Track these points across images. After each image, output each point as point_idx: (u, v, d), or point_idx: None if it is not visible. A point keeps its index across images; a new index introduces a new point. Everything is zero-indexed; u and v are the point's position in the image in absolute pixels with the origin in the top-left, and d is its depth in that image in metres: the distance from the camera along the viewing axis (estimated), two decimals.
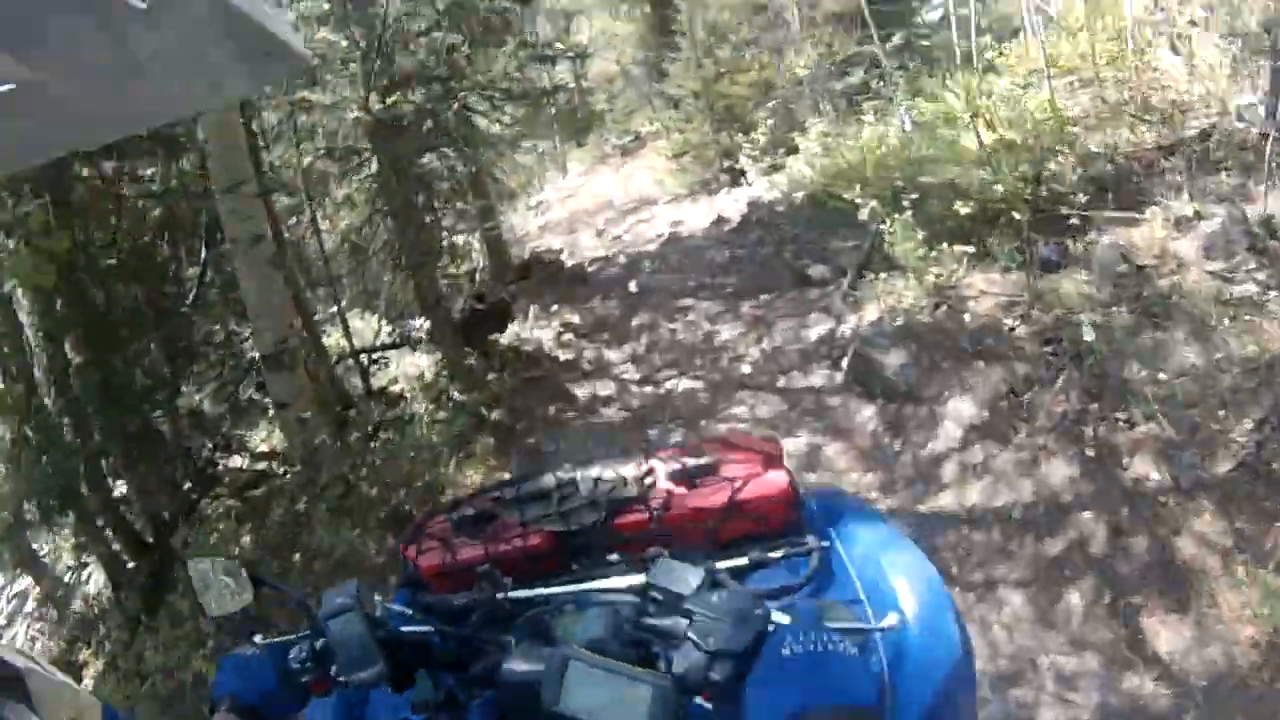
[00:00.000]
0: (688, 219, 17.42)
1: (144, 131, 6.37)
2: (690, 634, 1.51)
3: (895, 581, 1.85)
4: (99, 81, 0.99)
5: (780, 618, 1.50)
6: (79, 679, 7.41)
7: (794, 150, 16.33)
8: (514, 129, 15.12)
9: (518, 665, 1.60)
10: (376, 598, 1.79)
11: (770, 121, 18.01)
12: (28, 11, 0.76)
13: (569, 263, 16.68)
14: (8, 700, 1.10)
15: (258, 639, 1.82)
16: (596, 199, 22.43)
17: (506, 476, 3.67)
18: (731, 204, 16.93)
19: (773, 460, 2.19)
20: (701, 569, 1.65)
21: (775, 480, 2.09)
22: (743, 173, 18.29)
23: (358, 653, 1.67)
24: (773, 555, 1.88)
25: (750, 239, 14.35)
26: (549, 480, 2.25)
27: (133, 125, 2.65)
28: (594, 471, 2.26)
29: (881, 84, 15.23)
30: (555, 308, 13.56)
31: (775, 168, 17.17)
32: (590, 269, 16.14)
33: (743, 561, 1.85)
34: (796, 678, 1.38)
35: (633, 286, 13.57)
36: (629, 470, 2.23)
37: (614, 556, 1.94)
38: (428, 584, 2.11)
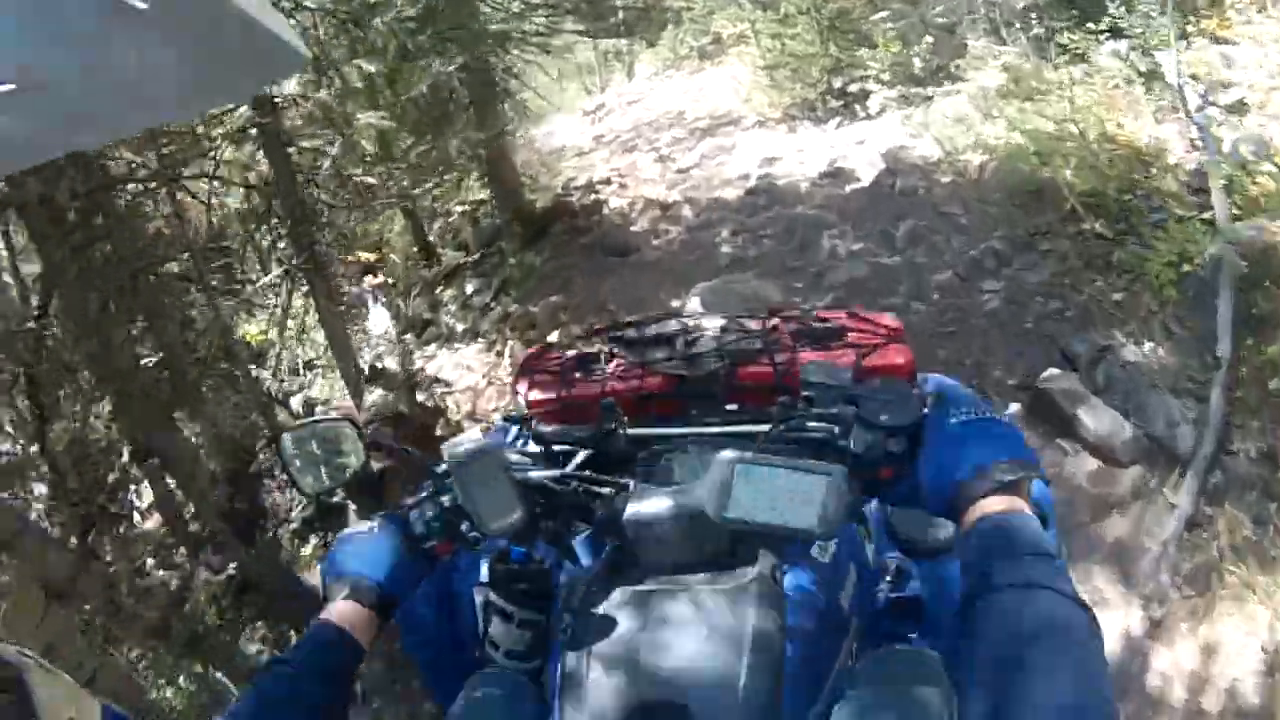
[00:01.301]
0: (786, 158, 11.88)
1: (143, 132, 5.69)
2: (862, 414, 1.44)
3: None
4: (98, 82, 0.84)
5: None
6: None
7: (947, 81, 10.90)
8: (539, 15, 9.82)
9: (644, 504, 1.51)
10: (503, 439, 1.66)
11: (898, 38, 12.72)
12: (27, 11, 0.66)
13: (612, 210, 11.27)
14: (8, 700, 1.00)
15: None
16: (665, 110, 17.18)
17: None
18: (854, 148, 11.43)
19: (895, 335, 2.02)
20: (849, 366, 1.63)
21: (899, 352, 1.96)
22: (861, 99, 12.65)
23: (498, 500, 1.50)
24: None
25: (906, 228, 8.95)
26: (673, 325, 2.09)
27: (133, 125, 2.35)
28: (719, 321, 2.06)
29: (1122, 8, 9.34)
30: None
31: (909, 100, 11.63)
32: (640, 228, 10.85)
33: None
34: (968, 440, 1.36)
35: (695, 301, 7.14)
36: (754, 325, 2.03)
37: (733, 406, 1.82)
38: (535, 418, 1.85)
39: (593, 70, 23.62)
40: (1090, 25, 9.83)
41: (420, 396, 7.58)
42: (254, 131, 6.59)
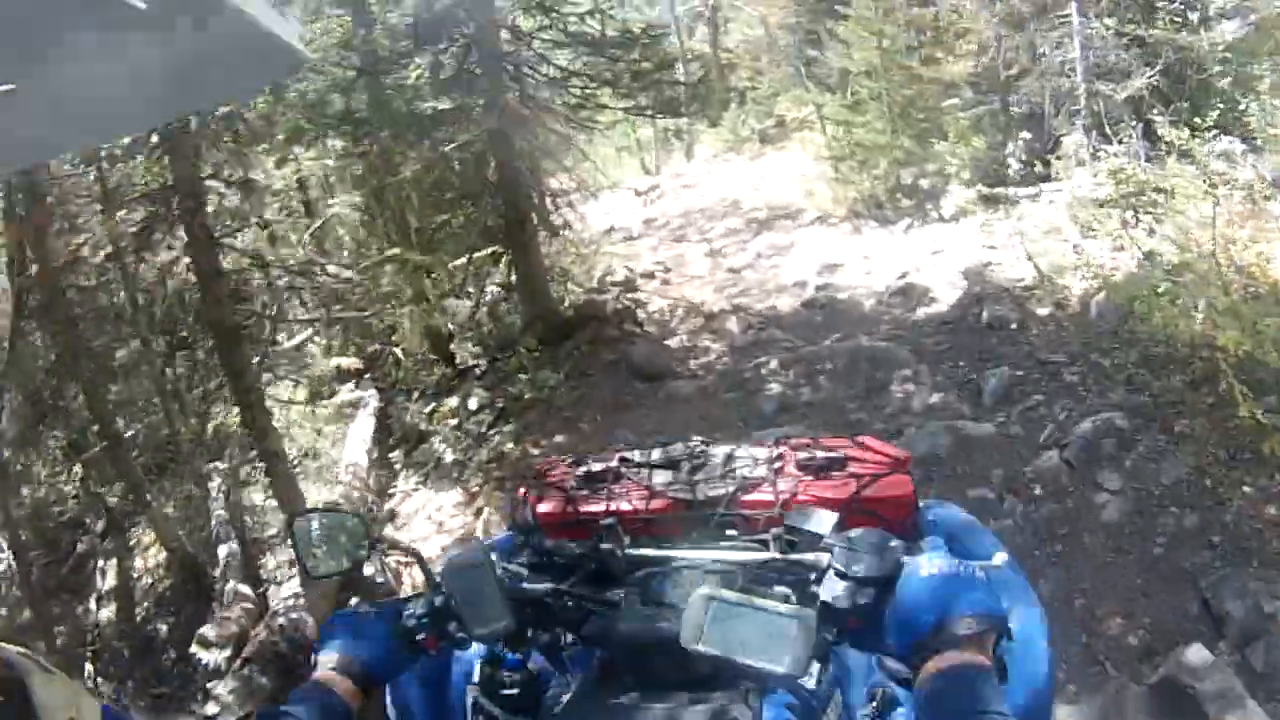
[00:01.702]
0: (850, 265, 10.32)
1: (143, 131, 5.42)
2: (834, 564, 1.43)
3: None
4: (98, 82, 0.88)
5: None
6: None
7: (1037, 182, 9.29)
8: (584, 94, 8.46)
9: (633, 622, 1.54)
10: (495, 557, 1.62)
11: (974, 129, 11.16)
12: (27, 11, 0.69)
13: (649, 314, 9.75)
14: (8, 700, 1.01)
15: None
16: (721, 197, 15.79)
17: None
18: (928, 259, 9.84)
19: (899, 465, 1.92)
20: (835, 514, 1.60)
21: (899, 483, 1.87)
22: (934, 198, 11.11)
23: (486, 609, 1.56)
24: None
25: (998, 380, 7.20)
26: (680, 449, 2.02)
27: (132, 126, 2.47)
28: (726, 448, 2.01)
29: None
30: None
31: (991, 203, 10.01)
32: (677, 342, 9.34)
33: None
34: (935, 593, 1.34)
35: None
36: (760, 452, 1.98)
37: (733, 532, 1.79)
38: (541, 530, 1.85)
39: (651, 147, 22.37)
40: (1198, 119, 8.24)
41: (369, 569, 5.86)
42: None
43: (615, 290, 10.59)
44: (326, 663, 1.54)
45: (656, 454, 2.04)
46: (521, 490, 2.05)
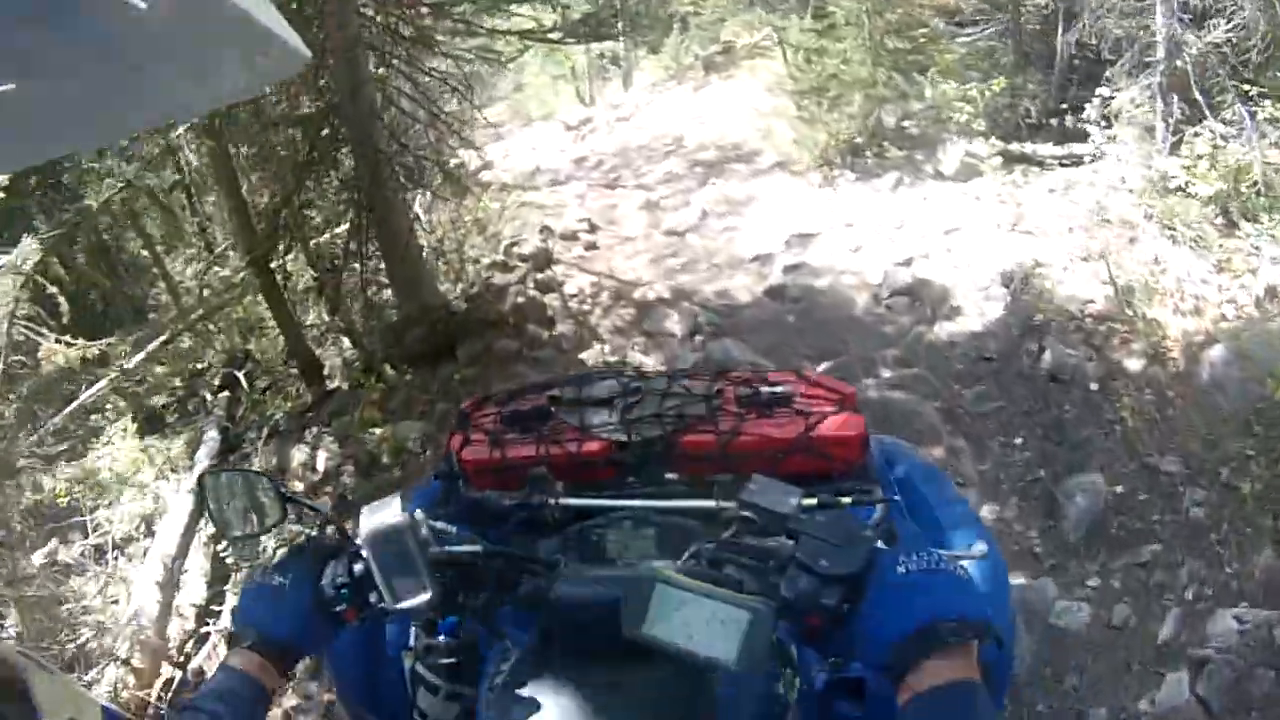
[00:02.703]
0: (826, 236, 7.53)
1: (142, 131, 5.41)
2: (799, 555, 1.17)
3: (951, 531, 1.65)
4: (98, 82, 0.83)
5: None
6: None
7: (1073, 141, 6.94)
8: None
9: (571, 584, 1.29)
10: (419, 515, 1.35)
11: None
12: (26, 11, 0.66)
13: (568, 305, 6.91)
14: (8, 700, 0.95)
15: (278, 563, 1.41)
16: (661, 132, 12.83)
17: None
18: (940, 240, 7.09)
19: (847, 401, 1.77)
20: (799, 490, 1.31)
21: (851, 422, 1.69)
22: (928, 147, 8.38)
23: (407, 577, 1.30)
24: (843, 500, 1.39)
25: (1080, 498, 4.52)
26: (613, 385, 1.84)
27: (133, 126, 2.37)
28: (662, 383, 1.84)
29: None
30: None
31: (1011, 162, 7.41)
32: (594, 352, 6.52)
33: (812, 501, 1.34)
34: (913, 593, 1.12)
35: None
36: (699, 386, 1.82)
37: (672, 475, 1.63)
38: (467, 478, 1.71)
39: (585, 76, 19.12)
40: None
41: None
42: None
43: (523, 268, 7.62)
44: (244, 638, 1.31)
45: (588, 390, 1.84)
46: (448, 436, 1.82)
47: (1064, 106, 8.73)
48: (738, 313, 6.55)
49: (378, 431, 5.81)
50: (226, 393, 7.50)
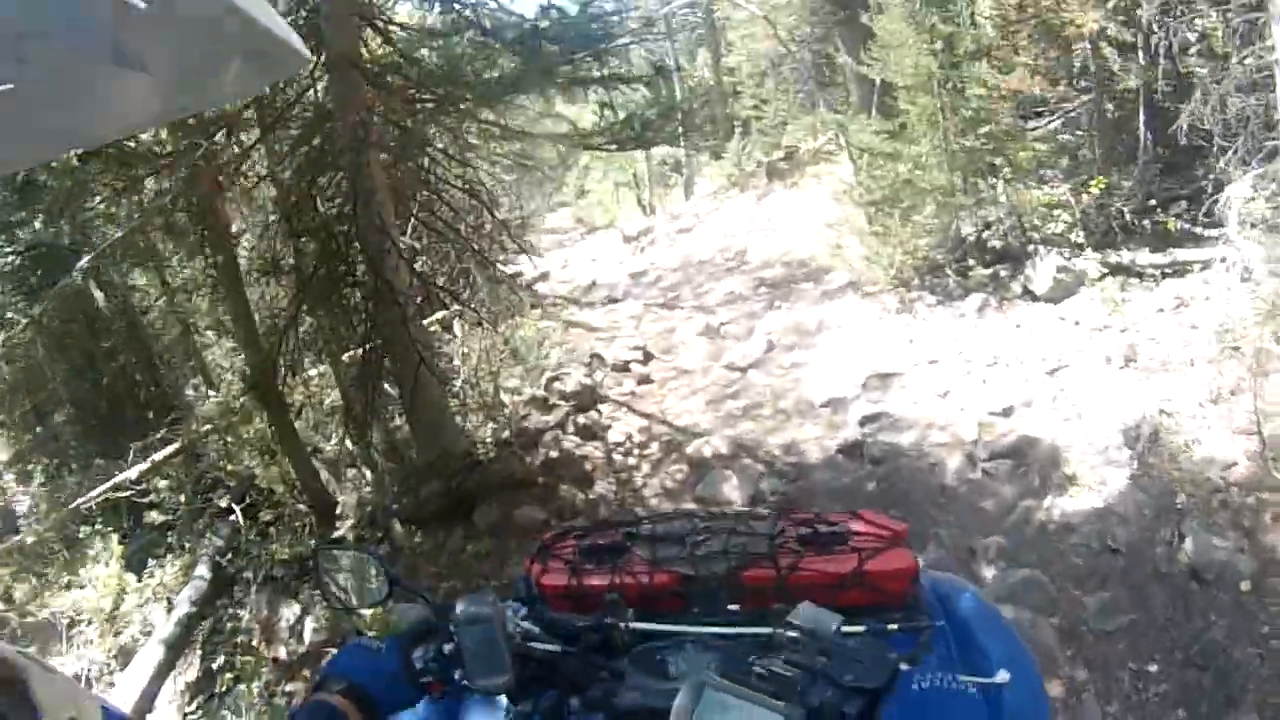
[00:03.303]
0: (909, 376, 6.45)
1: (143, 131, 5.19)
2: (829, 670, 1.29)
3: (992, 661, 1.56)
4: (98, 82, 0.81)
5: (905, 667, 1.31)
6: None
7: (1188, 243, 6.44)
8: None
9: (634, 693, 1.40)
10: (509, 611, 1.50)
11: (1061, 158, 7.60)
12: (26, 11, 0.65)
13: (611, 457, 5.93)
14: (8, 700, 0.94)
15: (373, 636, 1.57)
16: (723, 245, 12.17)
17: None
18: (1042, 383, 5.89)
19: (898, 538, 1.75)
20: (840, 616, 1.39)
21: (901, 557, 1.70)
22: (1015, 261, 7.27)
23: (490, 661, 1.44)
24: (890, 627, 1.50)
25: None
26: (683, 524, 1.89)
27: (132, 126, 2.34)
28: (728, 523, 1.87)
29: None
30: None
31: (1115, 272, 6.38)
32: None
33: (860, 629, 1.45)
34: (923, 712, 1.28)
35: None
36: (761, 526, 1.84)
37: (734, 606, 1.66)
38: (546, 602, 1.73)
39: (646, 183, 18.48)
40: None
41: None
42: None
43: (564, 408, 6.64)
44: (333, 685, 1.43)
45: (660, 528, 1.88)
46: (526, 562, 1.88)
47: (1152, 203, 7.51)
48: (807, 475, 5.43)
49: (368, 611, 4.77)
50: (234, 517, 6.61)
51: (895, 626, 1.48)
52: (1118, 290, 6.56)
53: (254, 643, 5.42)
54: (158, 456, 6.92)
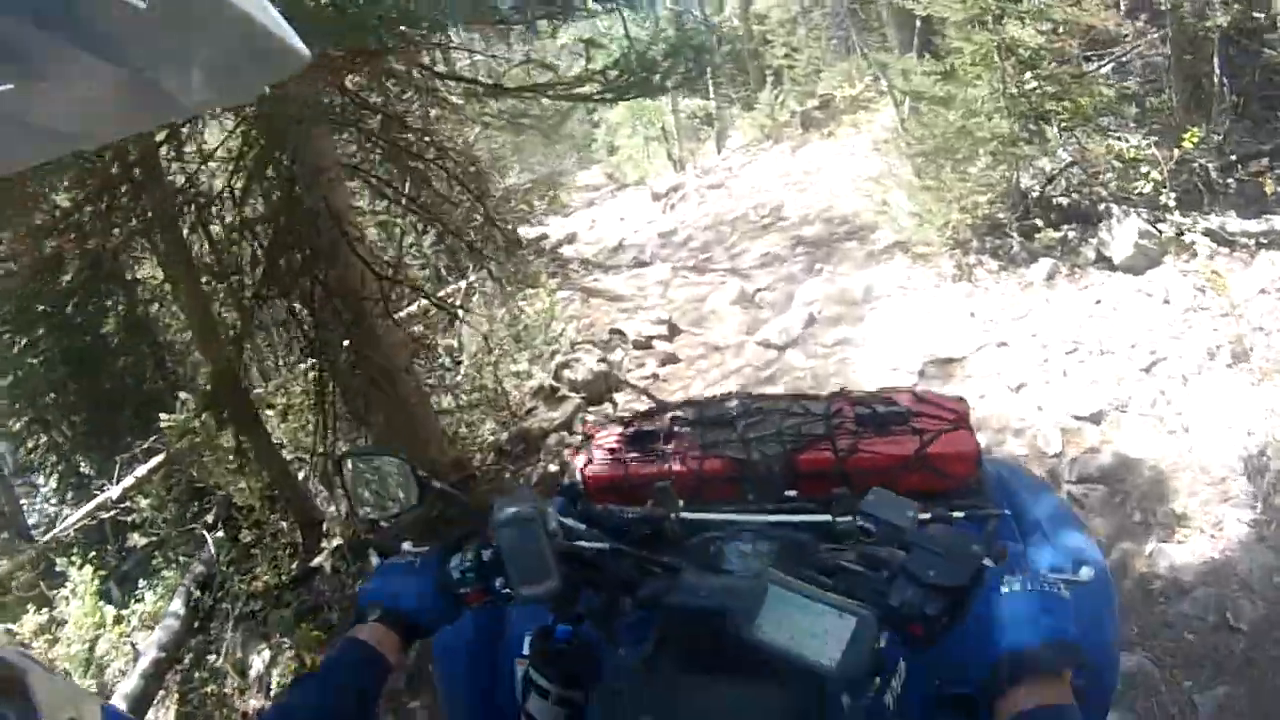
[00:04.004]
0: (974, 363, 5.34)
1: (141, 132, 4.50)
2: (908, 565, 1.12)
3: (1061, 552, 1.47)
4: (98, 82, 0.75)
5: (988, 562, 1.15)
6: None
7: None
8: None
9: (691, 591, 1.22)
10: (550, 509, 1.34)
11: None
12: (25, 11, 0.60)
13: None
14: (8, 700, 0.86)
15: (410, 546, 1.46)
16: (758, 201, 10.98)
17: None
18: (1134, 379, 4.64)
19: (961, 419, 1.63)
20: (915, 503, 1.26)
21: (965, 439, 1.58)
22: (1088, 221, 6.13)
23: (533, 565, 1.30)
24: (955, 515, 1.36)
25: None
26: (734, 406, 1.76)
27: (132, 126, 2.01)
28: (782, 405, 1.74)
29: None
30: None
31: (1220, 241, 5.50)
32: None
33: (925, 515, 1.30)
34: (1013, 616, 1.09)
35: None
36: (817, 407, 1.72)
37: (792, 492, 1.54)
38: (590, 495, 1.67)
39: (675, 137, 17.29)
40: None
41: None
42: None
43: (575, 400, 5.70)
44: (371, 612, 1.33)
45: (710, 411, 1.77)
46: (571, 455, 1.88)
47: (1234, 159, 6.33)
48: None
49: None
50: (212, 540, 5.80)
51: (962, 514, 1.35)
52: (1208, 263, 5.44)
53: (228, 690, 4.62)
54: (141, 471, 6.18)
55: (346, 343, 4.88)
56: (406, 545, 1.46)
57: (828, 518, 1.34)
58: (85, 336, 6.89)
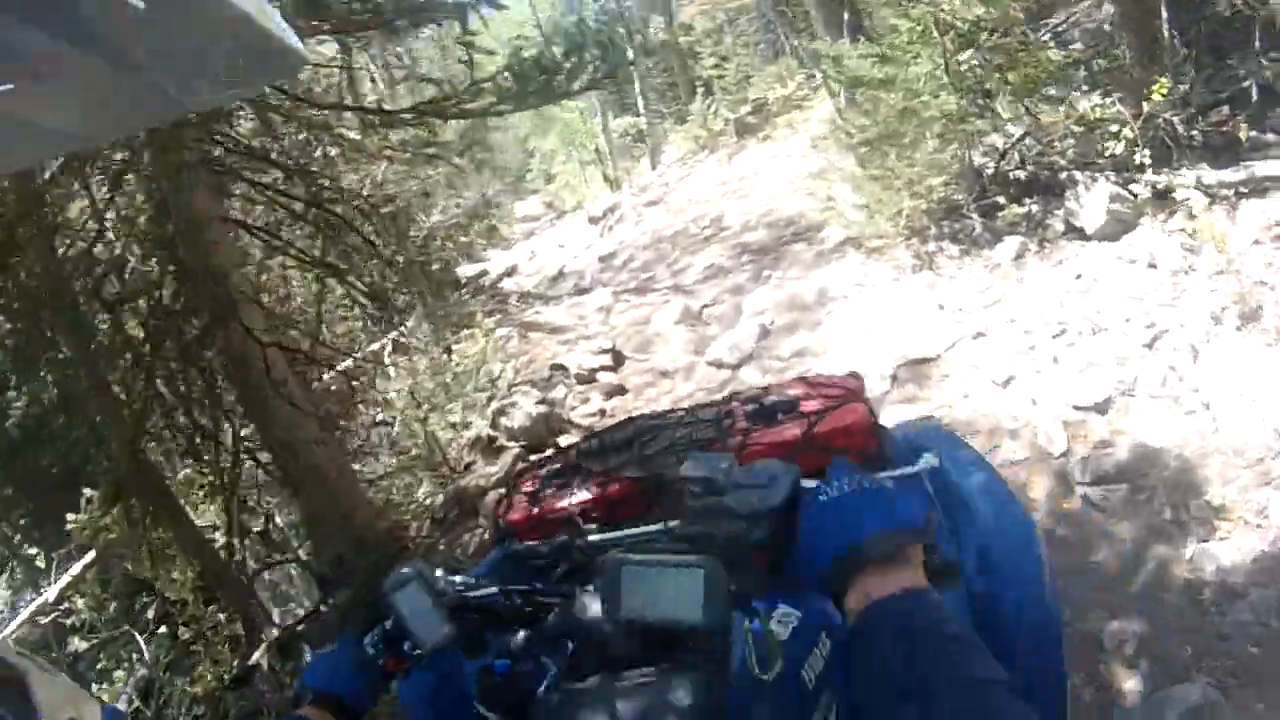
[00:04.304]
0: (949, 362, 4.58)
1: (140, 131, 4.18)
2: (730, 504, 1.20)
3: (972, 498, 1.55)
4: (97, 82, 0.79)
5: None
6: None
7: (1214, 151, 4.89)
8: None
9: (583, 614, 1.28)
10: (438, 572, 1.43)
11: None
12: (24, 11, 0.62)
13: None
14: (8, 700, 0.94)
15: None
16: (697, 214, 10.38)
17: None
18: (1138, 359, 3.94)
19: (852, 394, 1.72)
20: (731, 455, 1.33)
21: (851, 412, 1.65)
22: (1051, 192, 5.49)
23: (424, 623, 1.37)
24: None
25: None
26: (630, 430, 1.85)
27: (132, 126, 2.13)
28: (674, 418, 1.85)
29: None
30: None
31: (1213, 194, 4.63)
32: None
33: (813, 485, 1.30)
34: (835, 517, 1.09)
35: None
36: (709, 413, 1.81)
37: None
38: (520, 536, 1.68)
39: (609, 157, 16.71)
40: None
41: None
42: None
43: (514, 449, 4.98)
44: (305, 696, 1.39)
45: (610, 437, 1.84)
46: (494, 504, 1.87)
47: (1193, 111, 5.84)
48: None
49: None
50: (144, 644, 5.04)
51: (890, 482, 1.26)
52: (1189, 219, 4.86)
53: None
54: (75, 569, 5.42)
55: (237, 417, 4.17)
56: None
57: (649, 529, 1.40)
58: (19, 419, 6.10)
